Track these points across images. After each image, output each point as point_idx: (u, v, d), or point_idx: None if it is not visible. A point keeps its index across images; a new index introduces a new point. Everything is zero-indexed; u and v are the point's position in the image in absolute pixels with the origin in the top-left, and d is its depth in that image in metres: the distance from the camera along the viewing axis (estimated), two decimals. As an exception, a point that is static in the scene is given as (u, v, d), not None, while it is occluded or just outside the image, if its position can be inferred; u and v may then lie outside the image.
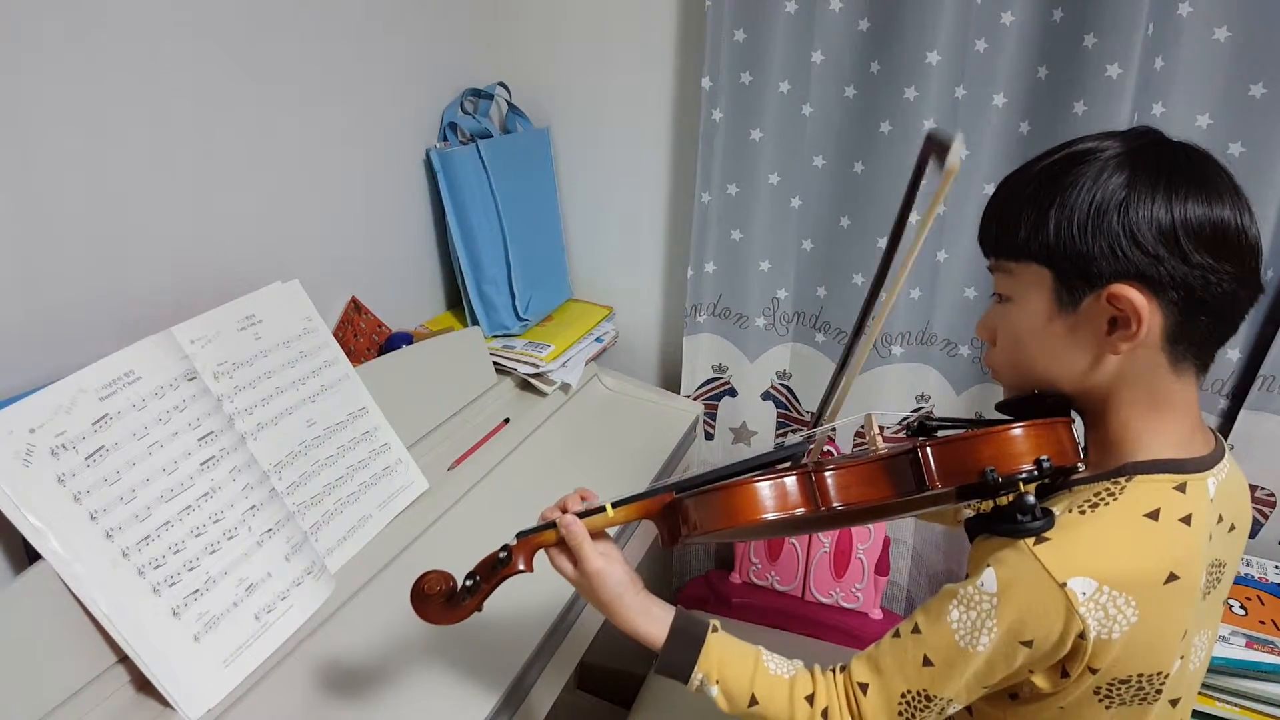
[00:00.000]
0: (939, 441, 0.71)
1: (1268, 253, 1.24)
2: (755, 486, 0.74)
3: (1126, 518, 0.70)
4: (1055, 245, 0.70)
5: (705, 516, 0.76)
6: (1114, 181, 0.68)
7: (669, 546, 0.80)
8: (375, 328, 1.37)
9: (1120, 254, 0.68)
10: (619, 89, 1.58)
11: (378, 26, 1.31)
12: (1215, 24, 1.17)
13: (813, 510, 0.74)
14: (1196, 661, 0.79)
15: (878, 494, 0.74)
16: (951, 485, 0.71)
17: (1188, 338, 0.71)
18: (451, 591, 0.80)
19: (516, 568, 0.80)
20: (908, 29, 1.28)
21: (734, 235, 1.52)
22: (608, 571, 0.79)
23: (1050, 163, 0.73)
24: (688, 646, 0.79)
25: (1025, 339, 0.77)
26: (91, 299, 0.95)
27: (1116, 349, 0.71)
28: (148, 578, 0.83)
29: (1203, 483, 0.73)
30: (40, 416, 0.79)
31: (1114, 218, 0.67)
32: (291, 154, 1.19)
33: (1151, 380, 0.73)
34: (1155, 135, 0.72)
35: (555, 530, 0.80)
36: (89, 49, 0.90)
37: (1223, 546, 0.77)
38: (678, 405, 1.63)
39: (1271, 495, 1.37)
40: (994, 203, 0.77)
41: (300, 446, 1.04)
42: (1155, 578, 0.68)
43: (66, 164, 0.90)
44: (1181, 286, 0.68)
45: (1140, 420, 0.74)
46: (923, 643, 0.74)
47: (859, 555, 1.60)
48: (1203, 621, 0.78)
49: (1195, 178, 0.68)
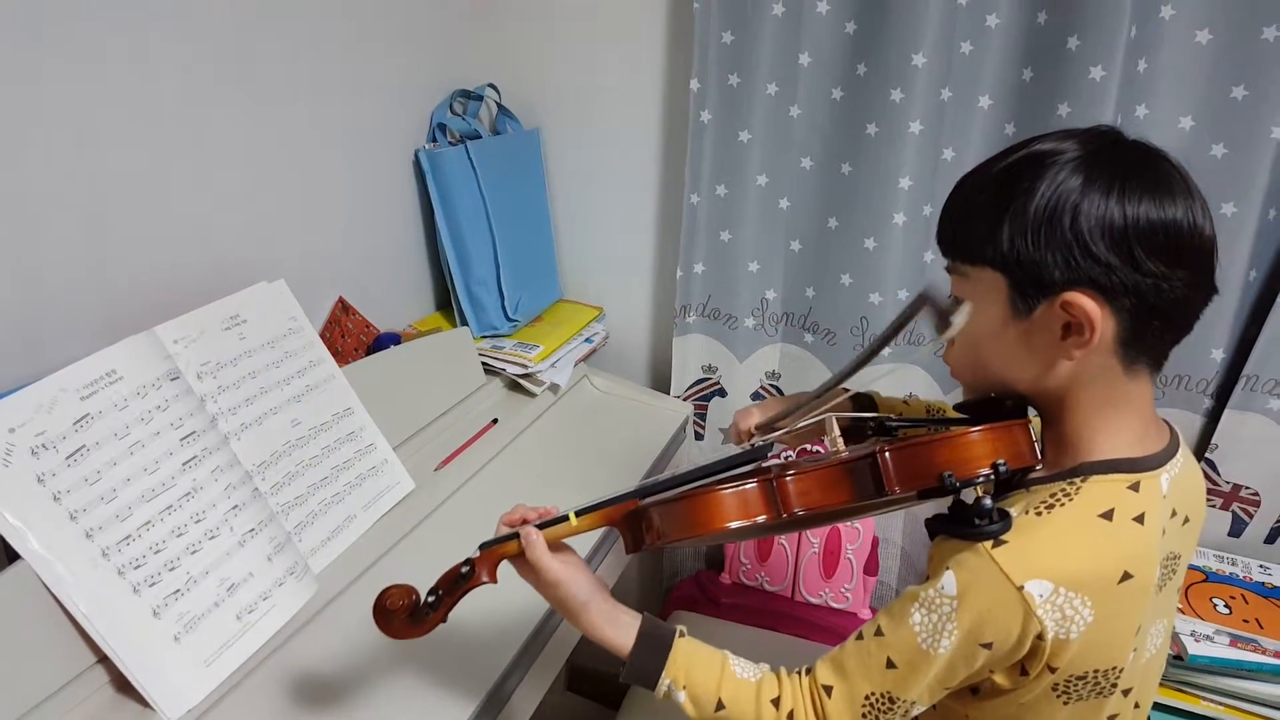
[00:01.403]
0: (897, 446, 0.72)
1: (1250, 254, 1.25)
2: (717, 495, 0.75)
3: (1081, 519, 0.71)
4: (1009, 252, 0.70)
5: (668, 524, 0.77)
6: (1067, 186, 0.68)
7: (633, 552, 0.81)
8: (363, 328, 1.37)
9: (1073, 262, 0.68)
10: (608, 91, 1.58)
11: (367, 27, 1.31)
12: (1197, 27, 1.17)
13: (774, 517, 0.74)
14: (1151, 650, 0.80)
15: (838, 499, 0.74)
16: (910, 489, 0.71)
17: (1141, 341, 0.71)
18: (414, 606, 0.80)
19: (480, 580, 0.80)
20: (894, 31, 1.28)
21: (723, 236, 1.52)
22: (570, 580, 0.79)
23: (1006, 165, 0.73)
24: (654, 653, 0.79)
25: (981, 343, 0.77)
26: (74, 298, 0.95)
27: (1070, 355, 0.71)
28: (128, 578, 0.83)
29: (1155, 480, 0.73)
30: (20, 416, 0.79)
31: (1066, 226, 0.67)
32: (279, 153, 1.19)
33: (1105, 382, 0.73)
34: (1113, 136, 0.72)
35: (518, 540, 0.80)
36: (76, 46, 0.90)
37: (1177, 539, 0.78)
38: (667, 406, 1.63)
39: (1256, 495, 1.37)
40: (950, 205, 0.77)
41: (284, 447, 1.04)
42: (1110, 578, 0.69)
43: (51, 162, 0.90)
44: (1134, 293, 0.68)
45: (1095, 420, 0.75)
46: (886, 645, 0.75)
47: (848, 555, 1.61)
48: (1157, 613, 0.79)
49: (1148, 179, 0.68)
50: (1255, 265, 1.26)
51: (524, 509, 0.84)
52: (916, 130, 1.32)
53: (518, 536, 0.80)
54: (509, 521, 0.84)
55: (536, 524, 0.81)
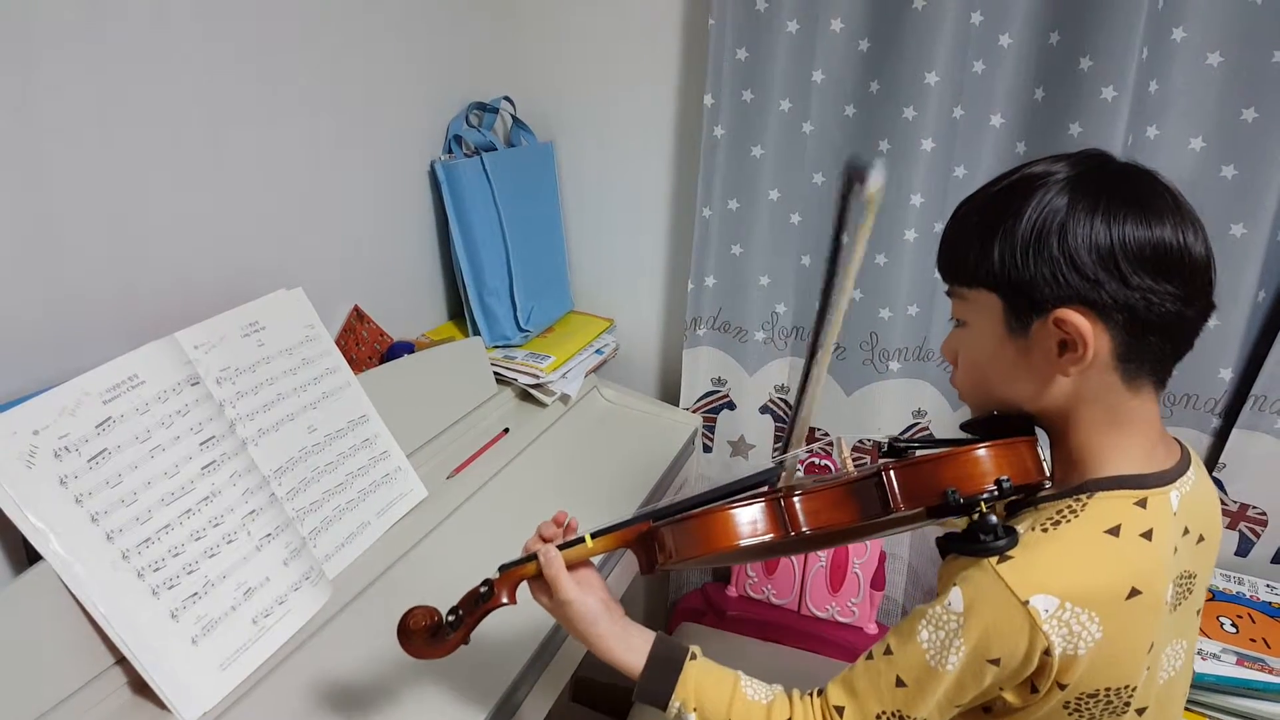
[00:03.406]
0: (902, 464, 0.73)
1: (1259, 275, 1.26)
2: (726, 514, 0.76)
3: (1087, 534, 0.71)
4: (1000, 272, 0.72)
5: (680, 544, 0.78)
6: (1054, 207, 0.69)
7: (647, 573, 0.82)
8: (377, 336, 1.38)
9: (1061, 279, 0.69)
10: (622, 105, 1.60)
11: (387, 39, 1.33)
12: (1209, 49, 1.19)
13: (782, 535, 0.75)
14: (1170, 672, 0.79)
15: (845, 518, 0.75)
16: (916, 507, 0.72)
17: (1139, 357, 0.72)
18: (436, 626, 0.81)
19: (500, 601, 0.81)
20: (907, 50, 1.30)
21: (734, 250, 1.53)
22: (581, 601, 0.80)
23: (999, 189, 0.74)
24: (665, 675, 0.80)
25: (981, 362, 0.78)
26: (97, 303, 0.96)
27: (1067, 371, 0.72)
28: (147, 580, 0.84)
29: (1165, 496, 0.74)
30: (44, 418, 0.80)
31: (1054, 243, 0.69)
32: (298, 163, 1.21)
33: (1108, 399, 0.74)
34: (1101, 159, 0.73)
35: (536, 562, 0.81)
36: (101, 55, 0.91)
37: (1191, 558, 0.77)
38: (676, 418, 1.64)
39: (1264, 514, 1.38)
40: (947, 230, 0.79)
41: (300, 453, 1.05)
42: (1117, 593, 0.69)
43: (76, 169, 0.91)
44: (1124, 309, 0.69)
45: (1099, 438, 0.75)
46: (895, 664, 0.75)
47: (855, 570, 1.61)
48: (1175, 633, 0.78)
49: (1134, 199, 0.69)
50: (1264, 286, 1.27)
51: (545, 528, 0.85)
52: (928, 148, 1.33)
53: (535, 557, 0.81)
54: (530, 546, 0.85)
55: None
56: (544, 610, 0.84)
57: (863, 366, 1.54)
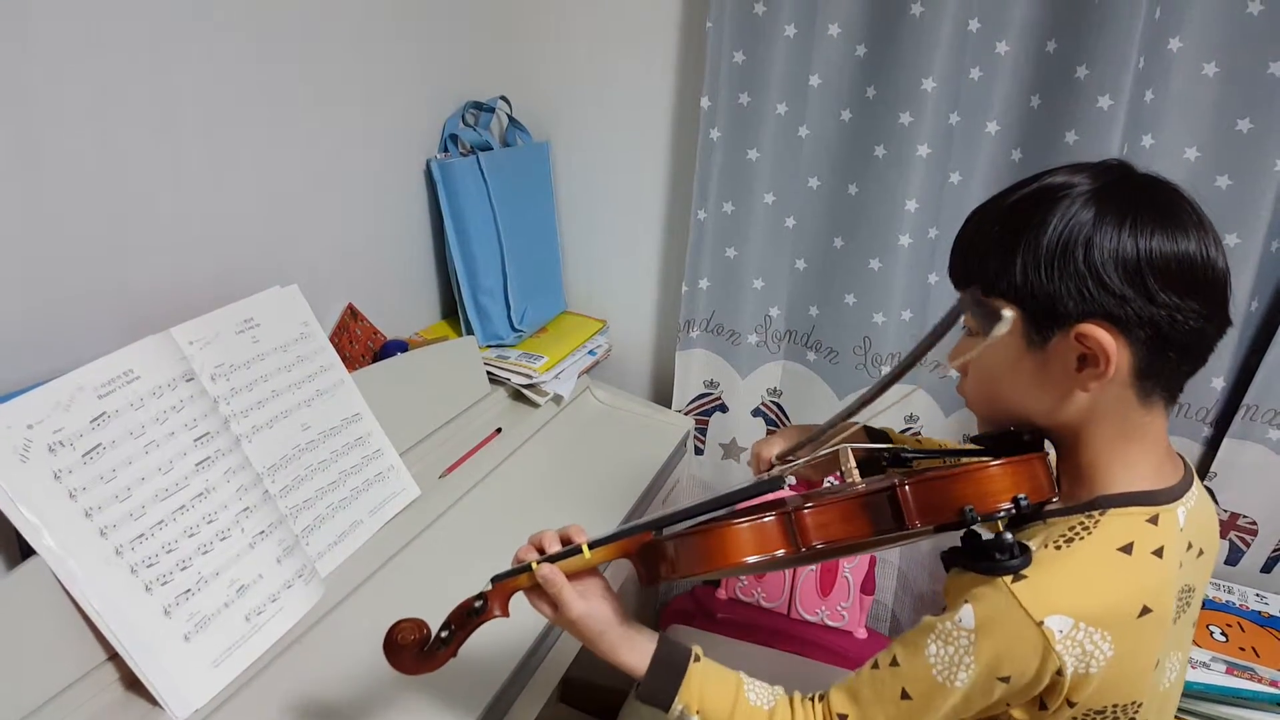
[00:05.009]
0: (916, 479, 0.71)
1: (1252, 284, 1.27)
2: (734, 528, 0.73)
3: (1101, 553, 0.70)
4: (1023, 285, 0.70)
5: (684, 558, 0.75)
6: (1079, 219, 0.68)
7: (648, 585, 0.79)
8: (371, 335, 1.37)
9: (1087, 294, 0.68)
10: (618, 105, 1.60)
11: (383, 38, 1.32)
12: (1204, 59, 1.20)
13: (793, 551, 0.73)
14: (1167, 683, 0.79)
15: (857, 532, 0.73)
16: (930, 523, 0.71)
17: (1156, 373, 0.71)
18: (425, 641, 0.78)
19: (492, 614, 0.79)
20: (904, 56, 1.30)
21: (729, 253, 1.53)
22: (588, 614, 0.78)
23: (1018, 198, 0.73)
24: (669, 677, 0.79)
25: (997, 375, 0.77)
26: (92, 298, 0.96)
27: (1086, 386, 0.71)
28: (140, 576, 0.83)
29: (1173, 513, 0.73)
30: (39, 413, 0.79)
31: (1079, 258, 0.67)
32: (294, 160, 1.20)
33: (1121, 413, 0.73)
34: (1123, 170, 0.72)
35: (530, 574, 0.78)
36: (96, 49, 0.91)
37: (1192, 572, 0.77)
38: (669, 420, 1.64)
39: (1254, 523, 1.39)
40: (962, 237, 0.77)
41: (294, 450, 1.04)
42: (1130, 613, 0.69)
43: (72, 164, 0.91)
44: (1149, 325, 0.68)
45: (1111, 453, 0.74)
46: (901, 675, 0.74)
47: (845, 574, 1.61)
48: (1174, 645, 0.78)
49: (1160, 213, 0.68)
50: (1257, 296, 1.28)
51: (543, 536, 0.82)
52: (924, 154, 1.34)
53: (530, 569, 0.78)
54: (522, 555, 0.82)
55: (548, 557, 0.79)
56: (532, 614, 0.81)
57: (855, 371, 1.54)
